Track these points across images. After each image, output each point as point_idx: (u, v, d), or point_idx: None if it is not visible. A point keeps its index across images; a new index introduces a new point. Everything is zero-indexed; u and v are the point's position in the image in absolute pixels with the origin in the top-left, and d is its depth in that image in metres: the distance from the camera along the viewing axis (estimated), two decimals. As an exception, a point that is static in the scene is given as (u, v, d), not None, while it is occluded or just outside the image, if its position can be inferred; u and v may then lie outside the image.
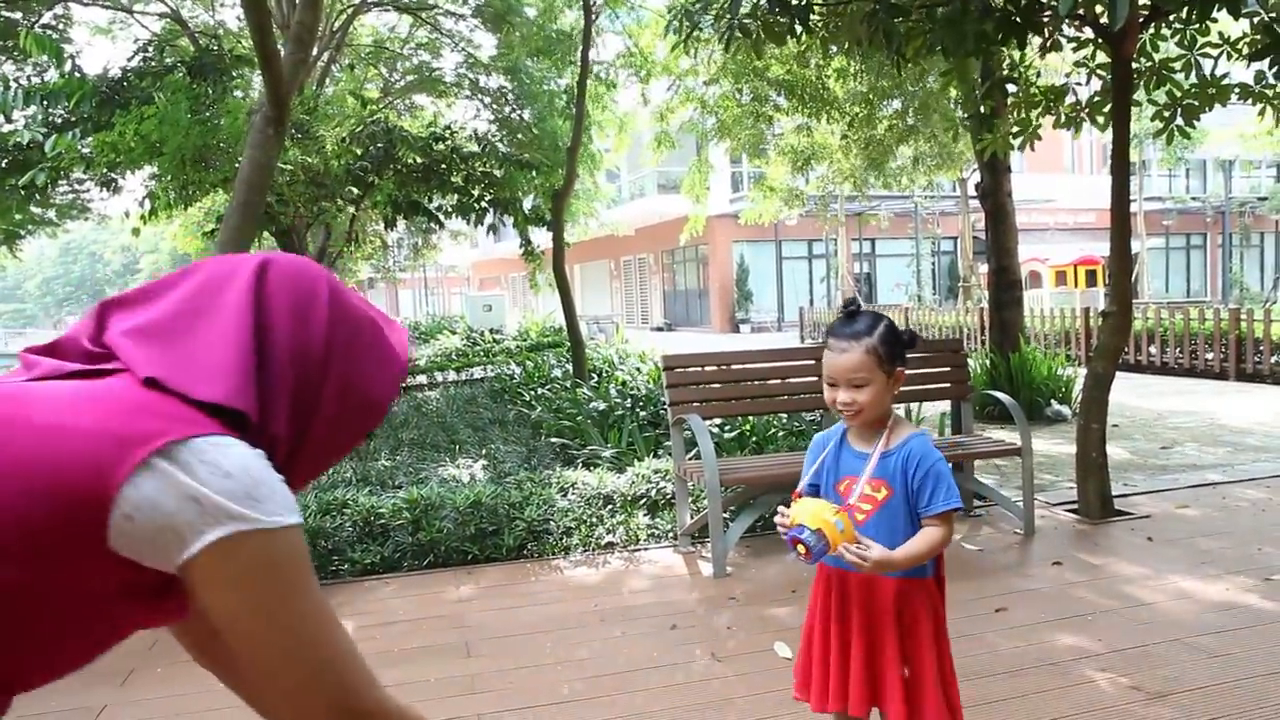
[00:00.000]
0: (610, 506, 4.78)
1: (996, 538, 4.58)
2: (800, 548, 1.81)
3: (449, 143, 9.16)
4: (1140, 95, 5.11)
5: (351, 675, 0.97)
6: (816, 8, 5.14)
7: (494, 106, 12.18)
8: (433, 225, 10.77)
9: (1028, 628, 3.35)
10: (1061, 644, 3.18)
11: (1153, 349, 12.58)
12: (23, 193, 7.60)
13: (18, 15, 8.63)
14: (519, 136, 11.61)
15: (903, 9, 4.72)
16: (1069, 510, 4.95)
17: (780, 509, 1.91)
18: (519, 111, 11.54)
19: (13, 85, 7.73)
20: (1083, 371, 5.32)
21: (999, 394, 5.01)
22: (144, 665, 3.28)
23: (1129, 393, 10.00)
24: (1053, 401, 8.42)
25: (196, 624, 1.02)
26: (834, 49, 6.96)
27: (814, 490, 2.08)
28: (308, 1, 5.16)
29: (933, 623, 1.99)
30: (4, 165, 7.52)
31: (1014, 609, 3.55)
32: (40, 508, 0.84)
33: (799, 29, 4.93)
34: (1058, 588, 3.78)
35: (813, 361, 5.04)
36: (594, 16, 9.93)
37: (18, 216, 8.87)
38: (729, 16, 4.83)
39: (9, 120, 7.81)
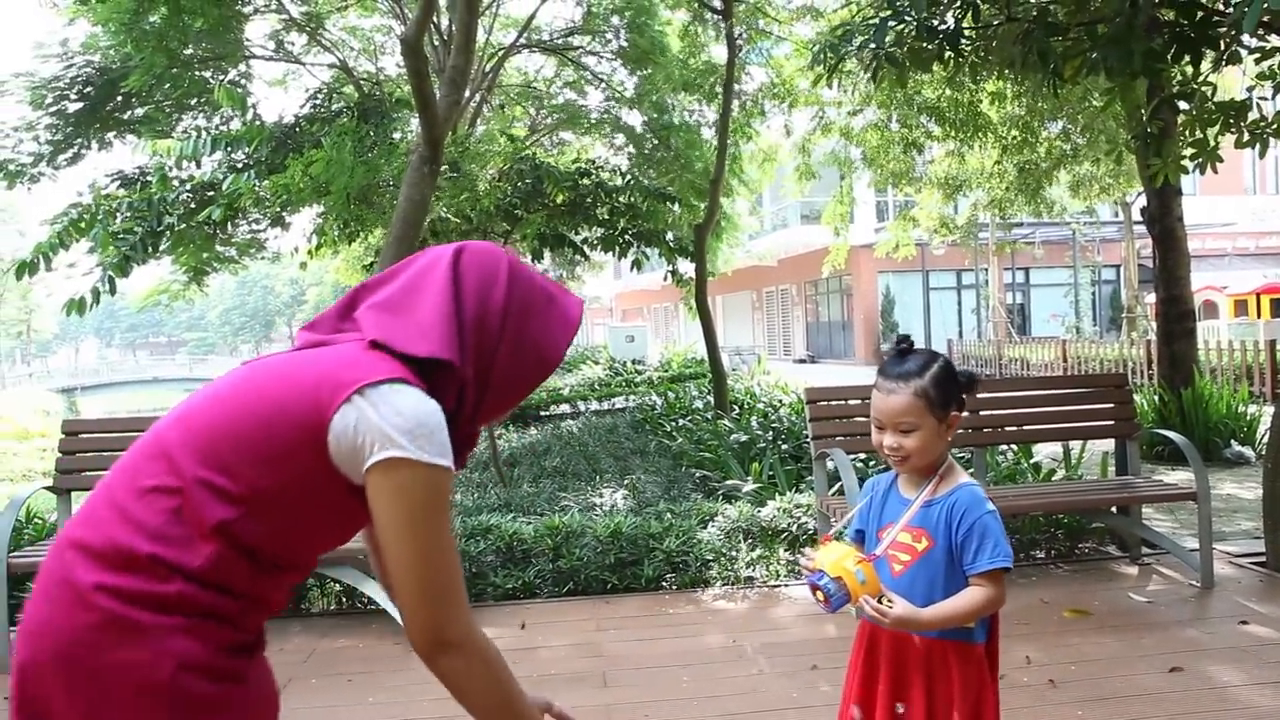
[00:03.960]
0: (751, 540, 4.71)
1: (1169, 589, 4.23)
2: (819, 595, 1.70)
3: (594, 177, 9.36)
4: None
5: (448, 607, 1.20)
6: (966, 31, 4.99)
7: (637, 141, 12.37)
8: (578, 258, 11.01)
9: (1210, 691, 3.07)
10: (1254, 712, 2.89)
11: (1351, 386, 11.45)
12: (207, 230, 8.27)
13: (208, 74, 9.48)
14: (665, 167, 11.72)
15: (1059, 27, 4.51)
16: (1255, 563, 4.52)
17: (805, 550, 1.79)
18: (662, 147, 11.68)
19: (203, 134, 8.49)
20: (1269, 409, 4.87)
21: (1170, 433, 4.65)
22: (300, 676, 3.45)
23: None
24: (1233, 442, 7.76)
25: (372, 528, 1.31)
26: (985, 74, 6.72)
27: (860, 536, 1.94)
28: (461, 46, 5.42)
29: (972, 694, 1.77)
30: (194, 206, 8.21)
31: (1192, 669, 3.25)
32: (285, 430, 1.18)
33: (948, 54, 4.79)
34: (1244, 648, 3.45)
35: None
36: (738, 50, 9.98)
37: (204, 255, 9.65)
38: (874, 46, 4.74)
39: (199, 166, 8.55)
